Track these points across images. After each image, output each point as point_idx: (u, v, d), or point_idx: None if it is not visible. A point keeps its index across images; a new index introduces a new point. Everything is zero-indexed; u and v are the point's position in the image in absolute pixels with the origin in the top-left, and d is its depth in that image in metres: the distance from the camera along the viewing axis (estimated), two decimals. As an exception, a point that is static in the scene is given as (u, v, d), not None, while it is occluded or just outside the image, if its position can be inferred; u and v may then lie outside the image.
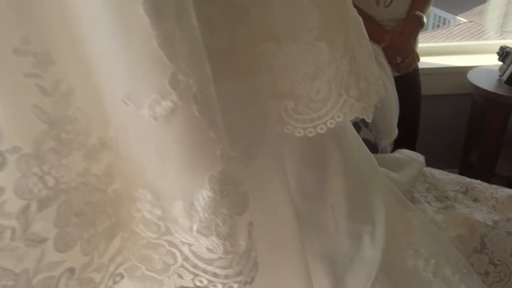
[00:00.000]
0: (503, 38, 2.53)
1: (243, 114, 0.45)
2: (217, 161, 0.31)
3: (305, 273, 0.53)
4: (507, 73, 1.38)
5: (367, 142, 1.03)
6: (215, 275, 0.34)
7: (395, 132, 1.06)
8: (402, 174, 0.99)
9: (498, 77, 1.46)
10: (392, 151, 1.11)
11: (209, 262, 0.33)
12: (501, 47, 1.46)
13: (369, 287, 0.60)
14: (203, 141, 0.30)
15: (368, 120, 0.48)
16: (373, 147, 1.03)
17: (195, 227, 0.32)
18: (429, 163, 1.14)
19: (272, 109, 0.47)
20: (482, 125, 1.52)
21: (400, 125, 1.18)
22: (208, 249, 0.32)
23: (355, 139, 0.63)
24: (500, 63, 1.47)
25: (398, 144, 1.18)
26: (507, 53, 1.42)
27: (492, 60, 1.56)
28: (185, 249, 0.33)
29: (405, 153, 1.10)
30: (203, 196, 0.31)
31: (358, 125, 0.98)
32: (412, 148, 1.15)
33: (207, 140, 0.30)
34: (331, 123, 0.46)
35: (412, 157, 1.08)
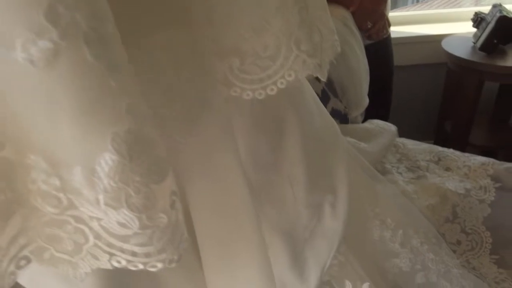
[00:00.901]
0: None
1: (180, 73, 0.40)
2: (122, 117, 0.25)
3: (261, 248, 0.49)
4: (481, 40, 1.34)
5: (337, 112, 0.99)
6: (133, 254, 0.29)
7: (366, 101, 1.02)
8: (372, 145, 0.96)
9: (472, 44, 1.43)
10: (363, 122, 1.08)
11: (124, 239, 0.28)
12: (476, 13, 1.42)
13: (331, 260, 0.56)
14: (101, 91, 0.24)
15: (323, 79, 0.43)
16: (343, 118, 0.99)
17: (101, 198, 0.26)
18: (404, 134, 1.11)
19: (215, 68, 0.41)
20: (456, 94, 1.49)
21: (372, 96, 1.15)
22: (120, 224, 0.27)
23: (315, 104, 0.58)
24: (475, 29, 1.44)
25: (371, 115, 1.14)
26: (482, 19, 1.38)
27: (467, 28, 1.53)
28: (95, 225, 0.28)
29: (376, 123, 1.06)
30: (106, 160, 0.25)
31: (327, 95, 0.94)
32: (385, 119, 1.11)
33: (106, 91, 0.24)
34: (281, 83, 0.41)
35: (384, 127, 1.04)
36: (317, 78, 0.80)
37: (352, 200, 0.60)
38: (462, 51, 1.39)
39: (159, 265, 0.29)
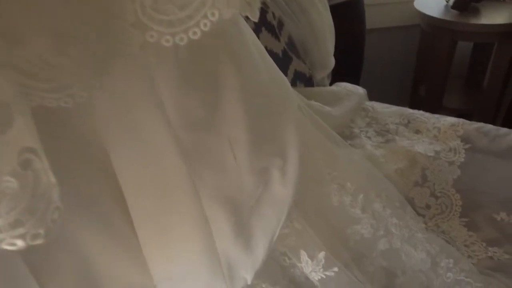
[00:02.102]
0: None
1: (75, 13, 0.33)
2: None
3: (200, 220, 0.44)
4: (454, -2, 1.29)
5: (300, 75, 0.93)
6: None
7: (332, 62, 0.96)
8: (338, 108, 0.90)
9: (445, 3, 1.37)
10: (331, 85, 1.02)
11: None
12: (448, -30, 1.36)
13: (282, 229, 0.51)
14: None
15: (253, 19, 0.37)
16: (308, 81, 0.93)
17: None
18: (378, 100, 1.06)
19: (123, 6, 0.34)
20: (430, 57, 1.45)
21: (342, 59, 1.08)
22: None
23: (262, 58, 0.51)
24: (448, -11, 1.38)
25: (340, 79, 1.08)
26: (454, -23, 1.32)
27: (441, -13, 1.46)
28: None
29: (343, 86, 1.01)
30: None
31: (289, 56, 0.87)
32: (356, 83, 1.06)
33: None
34: (205, 24, 0.34)
35: (351, 90, 0.99)
36: (276, 37, 0.72)
37: (306, 164, 0.55)
38: (434, 11, 1.34)
39: (18, 242, 0.23)
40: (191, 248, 0.44)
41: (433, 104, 1.47)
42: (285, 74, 0.88)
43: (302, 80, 0.92)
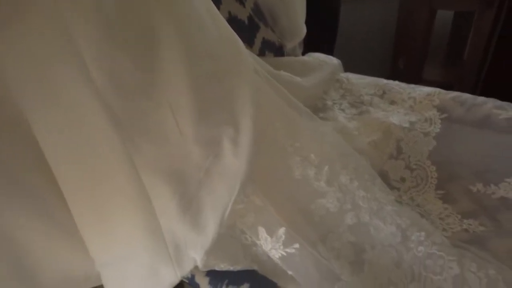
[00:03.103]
0: None
1: None
2: None
3: (139, 196, 0.39)
4: (433, -36, 1.24)
5: (269, 44, 0.88)
6: None
7: (303, 30, 0.91)
8: (309, 78, 0.86)
9: (424, -30, 1.31)
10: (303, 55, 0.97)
11: None
12: None
13: (236, 203, 0.47)
14: None
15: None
16: (278, 50, 0.87)
17: None
18: (357, 73, 1.01)
19: None
20: (409, 27, 1.40)
21: (315, 28, 1.03)
22: None
23: (210, 16, 0.46)
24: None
25: (314, 50, 1.03)
26: None
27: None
28: None
29: (316, 56, 0.96)
30: None
31: (255, 23, 0.82)
32: (330, 54, 1.01)
33: None
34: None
35: (324, 60, 0.94)
36: (240, 2, 0.66)
37: (264, 134, 0.51)
38: (413, -22, 1.29)
39: None
40: (131, 228, 0.40)
41: (412, 76, 1.43)
42: (252, 42, 0.82)
43: (271, 49, 0.87)
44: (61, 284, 0.44)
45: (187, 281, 0.60)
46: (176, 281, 0.44)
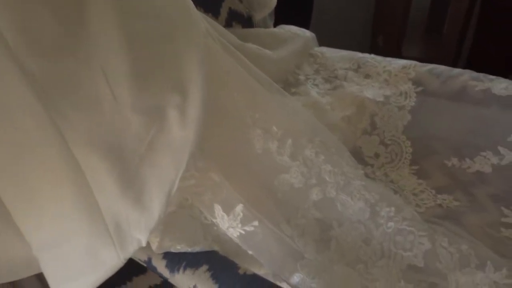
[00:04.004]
0: None
1: None
2: None
3: (70, 172, 0.35)
4: None
5: (236, 14, 0.83)
6: None
7: (273, 1, 0.86)
8: (279, 51, 0.81)
9: None
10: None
11: None
12: None
13: (186, 179, 0.43)
14: None
15: None
16: (247, 21, 0.83)
17: None
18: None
19: None
20: (388, 5, 1.37)
21: (290, 1, 0.99)
22: None
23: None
24: None
25: (288, 23, 0.98)
26: None
27: None
28: None
29: (287, 29, 0.91)
30: None
31: (222, -8, 0.77)
32: (306, 27, 0.96)
33: None
34: None
35: (296, 33, 0.90)
36: None
37: (219, 104, 0.47)
38: (391, -51, 1.24)
39: None
40: (64, 208, 0.36)
41: (392, 53, 1.39)
42: (218, 13, 0.77)
43: (239, 20, 0.82)
44: (2, 271, 0.40)
45: (145, 265, 0.56)
46: (119, 263, 0.40)
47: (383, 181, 0.77)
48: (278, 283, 0.52)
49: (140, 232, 0.40)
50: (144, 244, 0.41)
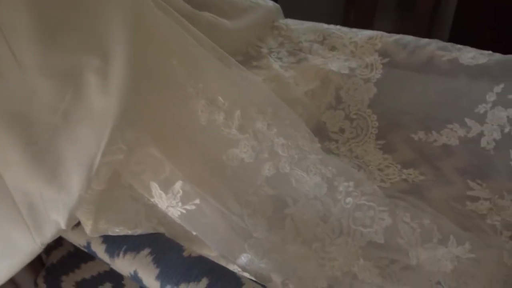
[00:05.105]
0: None
1: None
2: None
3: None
4: None
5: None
6: None
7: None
8: (237, 21, 0.76)
9: None
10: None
11: None
12: None
13: (113, 153, 0.39)
14: None
15: None
16: (203, -9, 0.77)
17: None
18: None
19: None
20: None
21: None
22: None
23: None
24: None
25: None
26: None
27: None
28: None
29: (249, -1, 0.86)
30: None
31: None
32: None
33: None
34: None
35: (257, 2, 0.85)
36: None
37: (154, 69, 0.42)
38: None
39: None
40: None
41: (363, 28, 1.36)
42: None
43: (194, -11, 0.76)
44: None
45: (86, 250, 0.52)
46: (36, 249, 0.36)
47: (347, 156, 0.74)
48: (226, 265, 0.48)
49: (57, 213, 0.35)
50: (63, 226, 0.36)
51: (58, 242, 0.69)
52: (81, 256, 0.65)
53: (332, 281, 0.50)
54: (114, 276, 0.51)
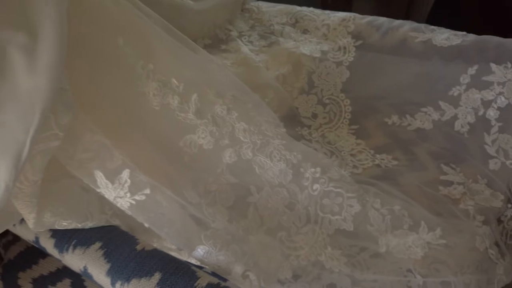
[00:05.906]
0: None
1: None
2: None
3: None
4: None
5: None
6: None
7: None
8: (203, 2, 0.73)
9: None
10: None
11: None
12: None
13: (47, 141, 0.36)
14: None
15: None
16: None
17: None
18: None
19: None
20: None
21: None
22: None
23: None
24: None
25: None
26: None
27: None
28: None
29: (216, -22, 0.82)
30: None
31: None
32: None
33: None
34: None
35: (226, -17, 0.81)
36: None
37: (92, 49, 0.38)
38: None
39: None
40: None
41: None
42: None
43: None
44: None
45: (36, 245, 0.49)
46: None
47: (320, 142, 0.72)
48: (187, 258, 0.46)
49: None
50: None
51: (17, 237, 0.65)
52: (39, 251, 0.62)
53: (299, 271, 0.48)
54: (73, 272, 0.48)
